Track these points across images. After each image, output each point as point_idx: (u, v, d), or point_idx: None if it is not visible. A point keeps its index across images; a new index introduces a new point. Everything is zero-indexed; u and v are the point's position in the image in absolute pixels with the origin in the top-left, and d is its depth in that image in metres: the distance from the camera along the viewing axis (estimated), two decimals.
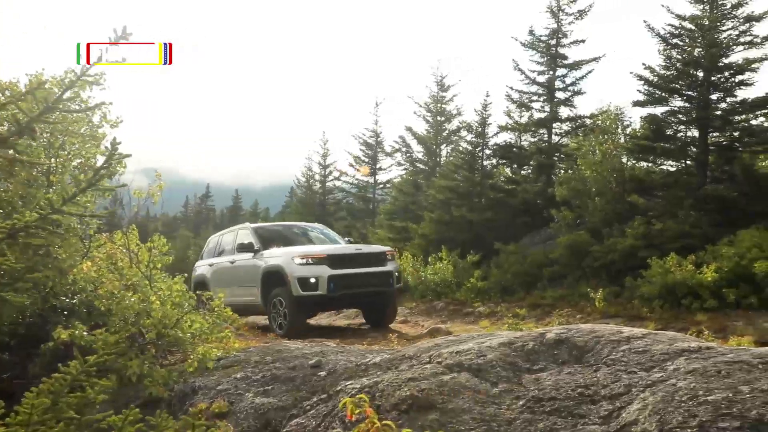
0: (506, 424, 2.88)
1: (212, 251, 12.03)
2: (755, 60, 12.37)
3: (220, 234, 12.46)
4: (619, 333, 3.54)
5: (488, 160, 18.15)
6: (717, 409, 2.36)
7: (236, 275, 10.39)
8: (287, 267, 8.93)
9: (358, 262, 9.38)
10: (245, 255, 10.04)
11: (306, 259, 8.97)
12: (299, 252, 9.29)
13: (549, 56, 17.28)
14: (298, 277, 8.78)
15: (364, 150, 28.37)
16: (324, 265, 8.91)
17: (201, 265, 12.13)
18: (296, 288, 8.77)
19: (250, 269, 9.88)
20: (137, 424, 1.97)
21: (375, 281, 9.41)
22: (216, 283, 10.81)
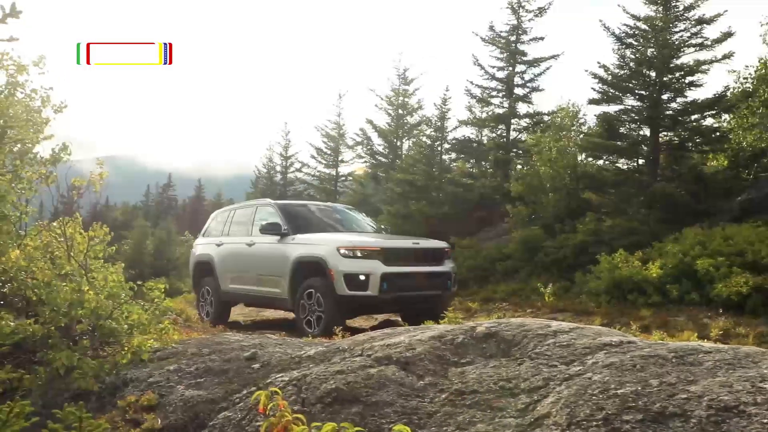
0: (427, 417, 2.89)
1: (219, 229, 10.31)
2: (705, 62, 12.69)
3: (230, 209, 10.76)
4: (547, 327, 3.59)
5: (447, 155, 18.27)
6: (624, 402, 2.41)
7: (255, 261, 8.94)
8: (331, 259, 7.52)
9: (415, 259, 8.10)
10: (268, 238, 8.56)
11: (355, 252, 7.58)
12: (347, 241, 7.86)
13: (508, 52, 17.44)
14: (345, 273, 7.40)
15: (326, 142, 28.23)
16: (376, 260, 7.52)
17: (203, 244, 10.46)
18: (341, 285, 7.38)
19: (276, 256, 8.44)
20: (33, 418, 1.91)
21: (432, 283, 8.07)
22: (225, 268, 9.58)
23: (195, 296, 11.06)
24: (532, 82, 17.55)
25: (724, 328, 7.70)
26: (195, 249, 10.87)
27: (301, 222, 8.83)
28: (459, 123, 18.04)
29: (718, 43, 12.68)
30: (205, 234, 10.72)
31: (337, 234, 8.74)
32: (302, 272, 8.01)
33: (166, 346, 5.15)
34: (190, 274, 11.10)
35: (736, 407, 2.21)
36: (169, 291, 22.13)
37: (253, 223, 9.25)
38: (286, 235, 8.34)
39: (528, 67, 17.48)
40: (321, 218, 9.42)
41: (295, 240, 8.23)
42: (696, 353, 2.90)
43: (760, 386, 2.33)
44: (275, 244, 8.48)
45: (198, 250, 10.60)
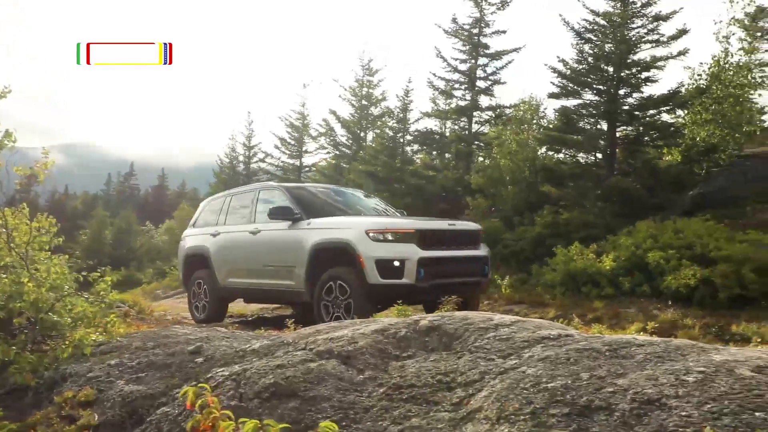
0: (363, 411, 2.88)
1: (212, 218, 9.49)
2: (661, 58, 12.93)
3: (224, 195, 9.76)
4: (489, 320, 3.60)
5: (409, 147, 18.30)
6: (553, 396, 2.43)
7: (261, 251, 8.13)
8: (359, 244, 6.74)
9: (451, 242, 7.33)
10: (278, 224, 7.81)
11: (386, 235, 6.80)
12: (377, 224, 7.08)
13: (471, 45, 17.50)
14: (377, 259, 6.64)
15: (290, 132, 28.03)
16: (411, 243, 6.78)
17: (194, 235, 9.67)
18: (373, 273, 6.64)
19: (288, 244, 7.65)
20: None
21: (470, 269, 7.42)
22: (223, 260, 8.80)
23: (187, 293, 10.11)
24: (494, 75, 17.69)
25: (673, 319, 7.89)
26: (184, 241, 9.99)
27: (314, 205, 8.07)
28: (422, 115, 18.11)
29: (673, 40, 12.94)
30: (195, 224, 9.96)
31: (361, 216, 7.94)
32: (322, 260, 7.24)
33: (110, 340, 5.04)
34: (180, 268, 10.21)
35: (658, 400, 2.24)
36: (128, 282, 21.75)
37: (255, 210, 8.52)
38: (299, 220, 7.58)
39: (490, 60, 17.60)
40: (333, 201, 8.58)
41: (311, 225, 7.44)
42: (629, 346, 2.94)
43: (683, 379, 2.37)
44: (286, 230, 7.70)
45: (189, 242, 9.77)
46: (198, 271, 9.35)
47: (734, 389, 2.23)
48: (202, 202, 10.53)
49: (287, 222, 7.68)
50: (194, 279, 9.43)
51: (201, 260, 9.21)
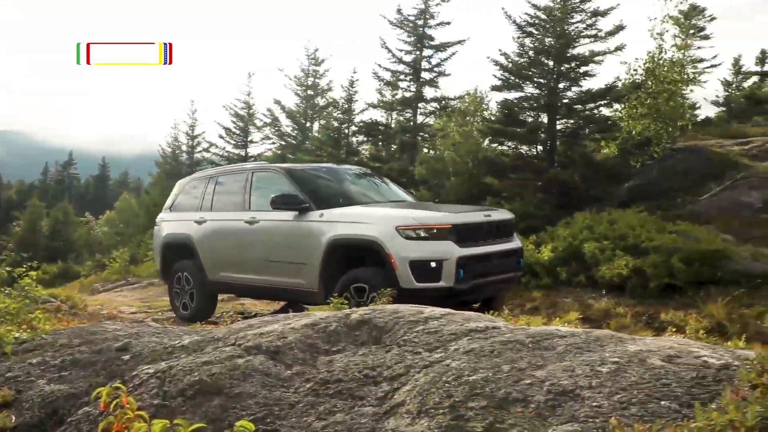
0: (288, 407, 2.86)
1: (193, 201, 8.39)
2: (599, 53, 13.26)
3: (206, 176, 8.59)
4: (419, 313, 3.62)
5: (355, 137, 18.27)
6: (473, 389, 2.45)
7: (261, 244, 7.25)
8: (389, 242, 5.94)
9: (488, 235, 6.54)
10: (279, 214, 6.93)
11: (419, 231, 5.99)
12: (409, 218, 6.17)
13: (416, 36, 17.55)
14: (412, 260, 5.86)
15: (235, 122, 27.55)
16: (448, 240, 5.99)
17: (174, 221, 8.59)
18: (407, 276, 5.85)
19: (296, 237, 6.80)
20: None
21: (508, 264, 6.74)
22: (213, 252, 7.84)
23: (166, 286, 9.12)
24: (439, 67, 17.80)
25: (606, 308, 8.13)
26: (161, 226, 8.83)
27: (323, 192, 7.16)
28: (367, 106, 18.10)
29: (611, 35, 13.28)
30: (173, 208, 8.81)
31: (385, 207, 7.03)
32: (341, 259, 6.47)
33: (35, 338, 4.86)
34: (156, 258, 9.04)
35: (572, 391, 2.30)
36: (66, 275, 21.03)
37: (249, 195, 7.52)
38: (307, 210, 6.71)
39: (435, 51, 17.71)
40: (343, 186, 7.67)
41: (324, 216, 6.57)
42: (552, 338, 3.00)
43: (597, 370, 2.43)
44: (292, 221, 6.82)
45: (166, 229, 8.64)
46: (180, 262, 8.38)
47: (644, 379, 2.30)
48: (179, 182, 9.27)
49: (292, 212, 6.79)
50: (176, 271, 8.45)
51: (184, 250, 8.22)
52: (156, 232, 8.98)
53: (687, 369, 2.36)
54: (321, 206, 6.74)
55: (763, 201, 10.95)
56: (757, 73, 23.47)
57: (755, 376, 2.13)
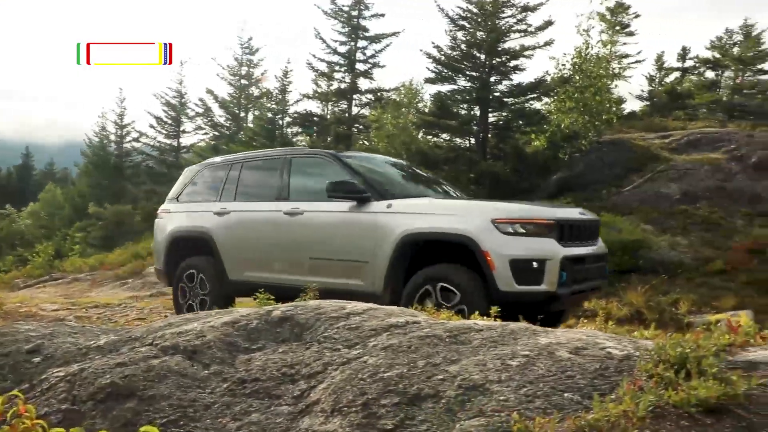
0: (203, 409, 2.80)
1: (211, 190, 7.49)
2: (529, 47, 13.55)
3: (228, 162, 7.65)
4: (341, 309, 3.61)
5: (290, 128, 18.08)
6: (387, 385, 2.47)
7: (307, 238, 6.35)
8: (486, 237, 5.17)
9: (583, 236, 5.83)
10: (332, 205, 6.10)
11: (517, 226, 5.25)
12: (508, 211, 5.44)
13: (350, 27, 17.50)
14: (513, 259, 5.10)
15: (166, 111, 26.83)
16: (550, 238, 5.28)
17: (184, 212, 7.62)
18: (506, 278, 5.08)
19: (357, 231, 5.95)
20: None
21: (598, 271, 6.02)
22: (239, 247, 6.95)
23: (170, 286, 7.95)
24: (373, 58, 17.83)
25: None
26: (165, 219, 7.83)
27: (384, 180, 6.42)
28: (302, 96, 17.92)
29: (540, 31, 13.61)
30: (181, 198, 7.82)
31: (487, 201, 6.41)
32: (414, 256, 5.70)
33: None
34: (158, 253, 7.93)
35: (482, 385, 2.34)
36: None
37: (288, 183, 6.68)
38: (368, 201, 5.90)
39: (369, 43, 17.70)
40: (398, 176, 7.03)
41: (392, 208, 5.78)
42: (468, 332, 3.05)
43: (508, 363, 2.49)
44: (348, 213, 6.01)
45: (175, 221, 7.63)
46: (191, 259, 7.42)
47: (551, 372, 2.37)
48: (188, 169, 8.24)
49: (349, 202, 6.00)
50: (184, 269, 7.43)
51: (198, 245, 7.29)
52: (159, 225, 7.94)
53: (592, 361, 2.44)
54: (384, 196, 5.95)
55: (681, 192, 11.45)
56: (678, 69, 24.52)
57: (652, 366, 2.23)
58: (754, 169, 11.41)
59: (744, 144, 12.37)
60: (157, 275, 8.42)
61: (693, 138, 13.75)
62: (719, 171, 11.77)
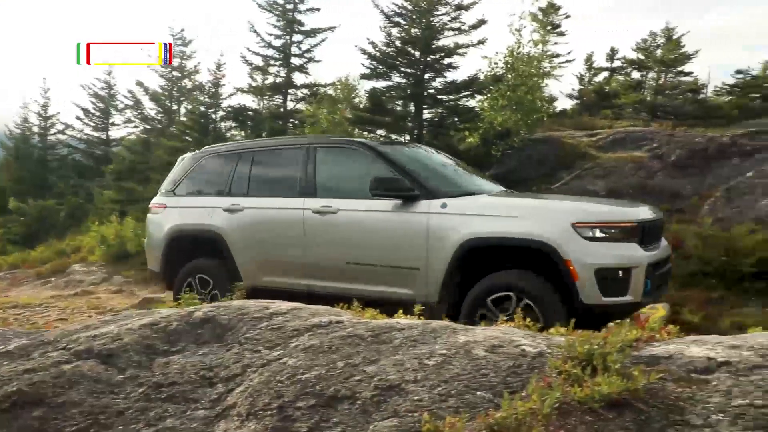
0: (116, 415, 2.71)
1: (216, 182, 6.76)
2: (462, 46, 13.71)
3: (236, 151, 6.84)
4: (265, 309, 3.57)
5: (223, 122, 17.76)
6: (304, 387, 2.45)
7: (340, 240, 5.73)
8: (566, 243, 4.66)
9: (656, 237, 5.33)
10: (373, 203, 5.53)
11: (602, 229, 4.75)
12: (589, 213, 4.99)
13: (286, 21, 17.28)
14: (599, 268, 4.60)
15: (94, 102, 25.88)
16: (633, 243, 4.79)
17: (184, 208, 6.82)
18: (591, 289, 4.60)
19: (406, 234, 5.33)
20: None
21: (669, 273, 5.59)
22: (254, 249, 6.25)
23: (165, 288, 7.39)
24: (309, 53, 17.64)
25: None
26: (162, 215, 6.96)
27: (431, 176, 5.76)
28: (235, 90, 17.60)
29: (473, 29, 13.77)
30: (178, 190, 7.01)
31: (567, 201, 5.89)
32: (476, 262, 5.10)
33: None
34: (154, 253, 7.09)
35: (399, 385, 2.35)
36: None
37: (314, 176, 6.00)
38: (416, 199, 5.34)
39: (305, 37, 17.50)
40: (444, 170, 6.31)
41: (449, 208, 5.22)
42: (391, 331, 3.06)
43: (425, 362, 2.51)
44: (393, 213, 5.42)
45: (173, 217, 6.81)
46: (197, 261, 6.64)
47: (465, 370, 2.40)
48: (186, 158, 7.35)
49: (393, 201, 5.41)
50: (189, 273, 6.61)
51: (206, 246, 6.57)
52: (153, 221, 7.11)
53: (506, 358, 2.49)
54: (434, 194, 5.37)
55: (607, 189, 11.85)
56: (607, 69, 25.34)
57: (561, 363, 2.29)
58: (674, 167, 11.93)
59: (665, 143, 12.90)
60: (152, 277, 7.72)
61: (618, 137, 14.24)
62: (642, 168, 12.25)
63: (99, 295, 10.97)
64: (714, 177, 11.25)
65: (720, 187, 10.84)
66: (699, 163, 11.86)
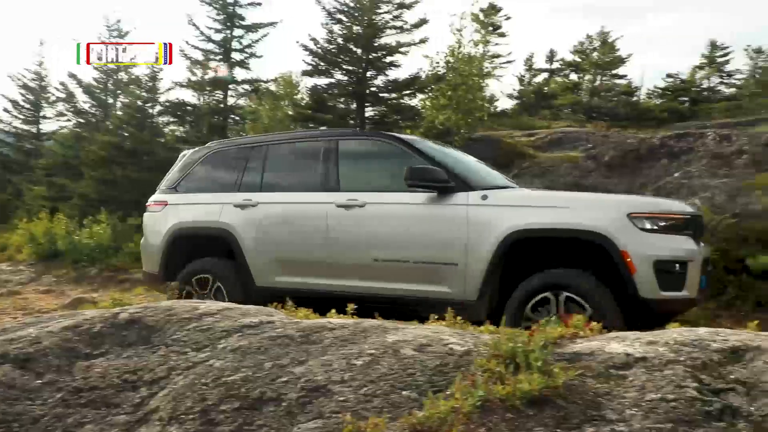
0: (31, 422, 2.60)
1: (225, 178, 6.31)
2: (404, 44, 13.78)
3: (248, 144, 6.51)
4: (194, 310, 3.49)
5: (162, 117, 17.32)
6: (229, 390, 2.41)
7: (368, 236, 5.33)
8: (623, 234, 4.41)
9: (701, 234, 5.05)
10: (405, 196, 5.17)
11: (659, 221, 4.52)
12: (646, 204, 4.82)
13: (226, 15, 16.96)
14: (658, 260, 4.37)
15: (24, 94, 24.83)
16: (687, 236, 4.58)
17: (189, 204, 6.33)
18: (649, 283, 4.35)
19: (442, 227, 4.99)
20: None
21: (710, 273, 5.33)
22: (269, 246, 5.81)
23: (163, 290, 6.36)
24: (250, 48, 17.35)
25: None
26: (164, 212, 6.44)
27: (464, 169, 5.47)
28: (174, 84, 17.17)
29: (415, 28, 13.86)
30: (180, 187, 6.53)
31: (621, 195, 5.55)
32: (520, 257, 4.79)
33: None
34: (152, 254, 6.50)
35: (325, 386, 2.33)
36: None
37: (337, 169, 5.66)
38: (452, 191, 5.01)
39: (246, 32, 17.22)
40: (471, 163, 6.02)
41: (489, 199, 4.91)
42: (321, 331, 3.03)
43: (353, 363, 2.50)
44: (429, 206, 5.08)
45: (176, 214, 6.32)
46: (201, 262, 6.14)
47: (393, 370, 2.40)
48: (189, 153, 6.90)
49: (427, 193, 5.08)
50: (192, 273, 6.07)
51: (213, 244, 6.13)
52: (152, 220, 6.61)
53: (434, 357, 2.50)
54: (471, 186, 5.08)
55: (544, 188, 12.11)
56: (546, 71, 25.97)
57: (486, 361, 2.32)
58: (607, 167, 12.31)
59: (599, 143, 13.30)
60: (148, 280, 6.91)
61: (555, 137, 14.59)
62: (577, 168, 12.59)
63: (26, 296, 10.52)
64: (644, 177, 11.64)
65: (649, 187, 11.24)
66: (631, 164, 12.27)
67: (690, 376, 2.11)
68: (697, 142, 11.73)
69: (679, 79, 20.65)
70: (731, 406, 1.96)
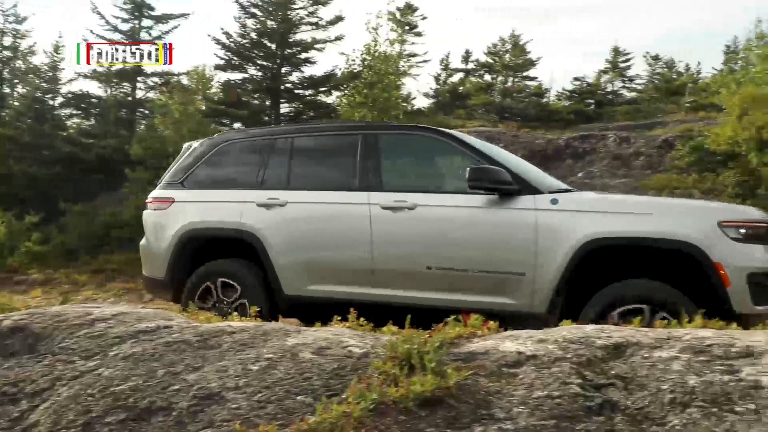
0: None
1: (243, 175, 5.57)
2: (320, 41, 13.72)
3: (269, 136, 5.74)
4: (87, 315, 3.32)
5: (63, 110, 16.45)
6: (116, 400, 2.31)
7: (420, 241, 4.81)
8: (714, 244, 4.09)
9: None
10: (460, 198, 4.72)
11: (747, 230, 4.18)
12: (733, 210, 4.60)
13: (134, 4, 16.32)
14: (751, 273, 4.05)
15: None
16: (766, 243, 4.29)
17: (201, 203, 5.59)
18: (743, 297, 4.04)
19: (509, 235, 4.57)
20: None
21: None
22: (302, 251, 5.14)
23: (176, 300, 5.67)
24: (160, 39, 16.75)
25: None
26: (169, 210, 5.72)
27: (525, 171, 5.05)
28: (77, 75, 16.37)
29: (331, 25, 13.80)
30: (187, 182, 5.78)
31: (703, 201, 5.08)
32: (596, 267, 4.39)
33: None
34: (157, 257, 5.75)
35: (218, 393, 2.27)
36: None
37: (380, 168, 5.12)
38: (516, 195, 4.57)
39: (155, 22, 16.64)
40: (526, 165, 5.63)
41: (561, 204, 4.51)
42: (221, 335, 2.95)
43: (249, 368, 2.45)
44: (490, 210, 4.64)
45: (190, 213, 5.58)
46: (215, 266, 5.47)
47: (289, 374, 2.37)
48: (195, 144, 6.10)
49: (486, 196, 4.64)
50: (204, 277, 5.41)
51: (233, 248, 5.45)
52: (155, 219, 5.85)
53: (332, 360, 2.48)
54: (538, 189, 4.67)
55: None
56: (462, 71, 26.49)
57: (382, 363, 2.32)
58: None
59: (510, 143, 13.72)
60: (150, 286, 6.12)
61: None
62: None
63: None
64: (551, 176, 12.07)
65: None
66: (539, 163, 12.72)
67: (575, 372, 2.19)
68: (599, 144, 12.31)
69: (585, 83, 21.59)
70: (611, 400, 2.05)
